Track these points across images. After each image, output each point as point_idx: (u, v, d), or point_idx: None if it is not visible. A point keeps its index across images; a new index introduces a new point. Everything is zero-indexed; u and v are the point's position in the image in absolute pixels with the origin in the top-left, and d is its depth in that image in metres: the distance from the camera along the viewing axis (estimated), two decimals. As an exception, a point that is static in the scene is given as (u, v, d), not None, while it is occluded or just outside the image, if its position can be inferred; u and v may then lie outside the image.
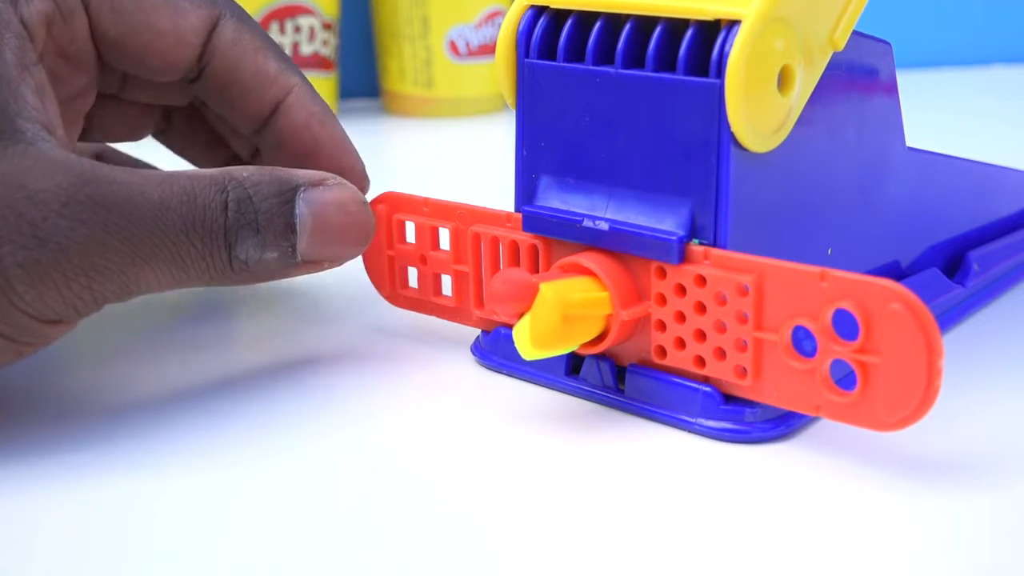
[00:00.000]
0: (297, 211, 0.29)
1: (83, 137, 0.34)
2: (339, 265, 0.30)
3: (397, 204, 0.33)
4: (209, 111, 0.35)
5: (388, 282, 0.34)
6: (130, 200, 0.26)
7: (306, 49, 0.66)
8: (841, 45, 0.28)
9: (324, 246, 0.29)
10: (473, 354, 0.32)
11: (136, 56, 0.31)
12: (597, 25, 0.28)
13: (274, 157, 0.33)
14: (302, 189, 0.29)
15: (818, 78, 0.28)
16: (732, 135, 0.26)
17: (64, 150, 0.26)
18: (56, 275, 0.25)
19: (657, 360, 0.28)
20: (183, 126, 0.36)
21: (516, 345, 0.27)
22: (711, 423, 0.28)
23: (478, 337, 0.32)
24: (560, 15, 0.29)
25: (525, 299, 0.27)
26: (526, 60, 0.29)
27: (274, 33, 0.65)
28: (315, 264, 0.30)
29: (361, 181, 0.33)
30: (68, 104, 0.32)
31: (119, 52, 0.31)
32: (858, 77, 0.30)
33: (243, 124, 0.33)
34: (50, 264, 0.25)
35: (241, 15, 0.33)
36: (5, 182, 0.25)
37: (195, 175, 0.28)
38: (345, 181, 0.30)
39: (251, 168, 0.29)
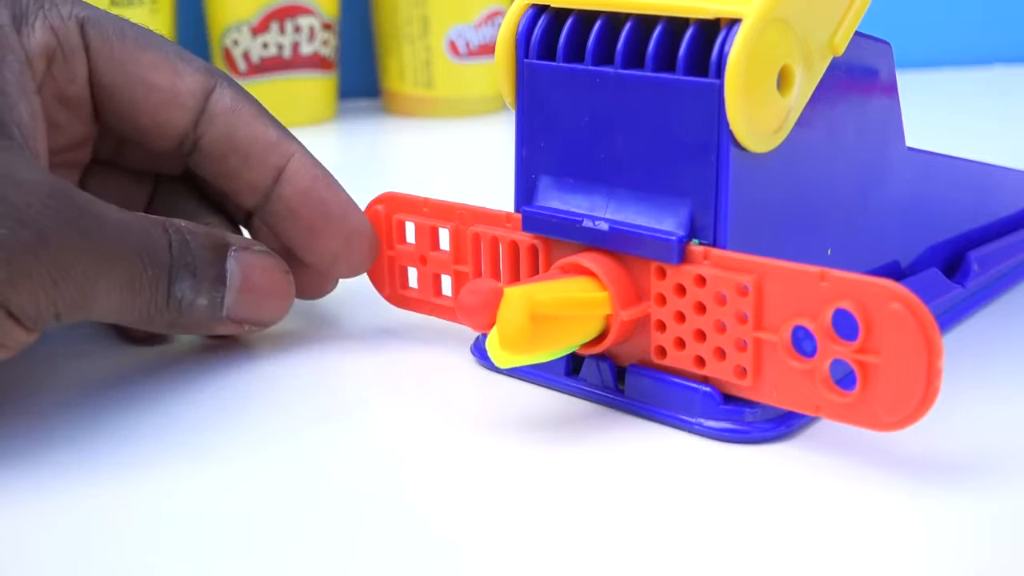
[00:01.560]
0: (228, 266, 0.30)
1: None
2: (259, 330, 0.32)
3: (397, 204, 0.33)
4: (206, 184, 0.34)
5: (388, 282, 0.34)
6: (102, 218, 0.27)
7: (306, 49, 0.66)
8: (841, 50, 0.28)
9: (248, 306, 0.30)
10: (473, 354, 0.32)
11: (129, 111, 0.32)
12: (597, 25, 0.28)
13: (283, 227, 0.33)
14: (233, 248, 0.30)
15: (817, 81, 0.28)
16: (732, 135, 0.26)
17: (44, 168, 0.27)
18: (29, 258, 0.25)
19: (657, 360, 0.28)
20: (165, 199, 0.35)
21: (489, 354, 0.26)
22: (711, 423, 0.28)
23: (478, 337, 0.32)
24: (560, 14, 0.29)
25: (493, 306, 0.26)
26: (526, 60, 0.29)
27: (274, 33, 0.65)
28: (237, 324, 0.31)
29: (371, 242, 0.33)
30: (62, 154, 0.32)
31: (113, 104, 0.31)
32: (858, 77, 0.30)
33: (246, 195, 0.33)
34: (28, 248, 0.25)
35: (236, 86, 0.33)
36: None
37: (141, 214, 0.29)
38: (268, 249, 0.31)
39: (188, 222, 0.30)
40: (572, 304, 0.27)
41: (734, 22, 0.26)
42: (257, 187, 0.32)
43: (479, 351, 0.32)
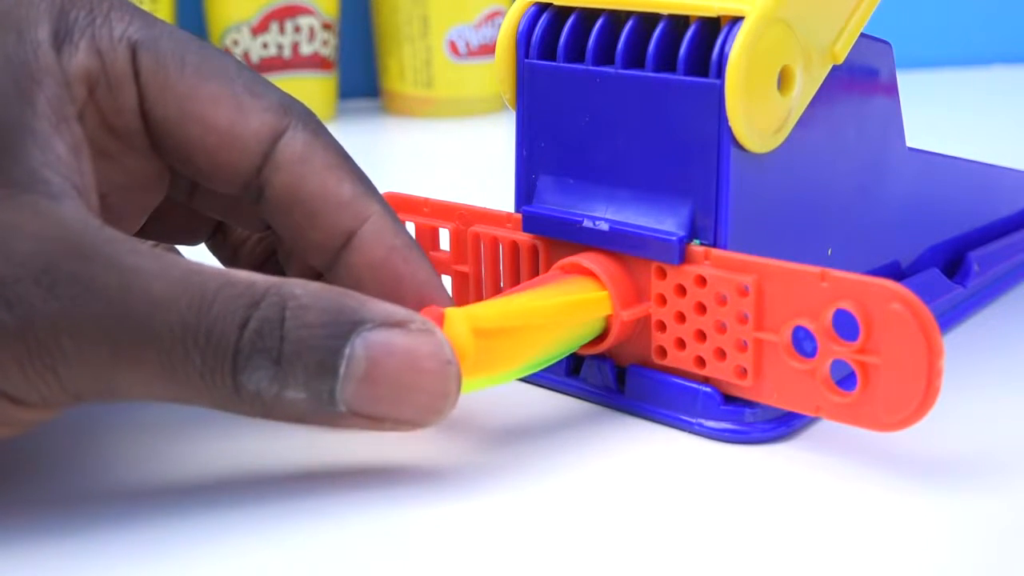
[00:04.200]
0: (348, 351, 0.23)
1: (138, 232, 0.30)
2: (410, 430, 0.25)
3: (397, 204, 0.33)
4: (278, 238, 0.30)
5: (388, 282, 0.34)
6: (123, 290, 0.23)
7: (306, 49, 0.66)
8: (841, 58, 0.28)
9: (378, 402, 0.24)
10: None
11: (185, 150, 0.27)
12: (597, 25, 0.28)
13: None
14: (367, 327, 0.24)
15: (818, 85, 0.28)
16: (732, 135, 0.26)
17: (87, 213, 0.23)
18: (18, 345, 0.22)
19: (657, 360, 0.28)
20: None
21: None
22: (711, 423, 0.28)
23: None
24: (562, 13, 0.29)
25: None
26: (526, 60, 0.29)
27: (274, 33, 0.65)
28: (373, 420, 0.24)
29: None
30: (125, 193, 0.28)
31: (168, 141, 0.27)
32: (858, 77, 0.30)
33: (313, 254, 0.28)
34: (13, 331, 0.22)
35: (316, 127, 0.28)
36: None
37: (232, 278, 0.23)
38: (437, 330, 0.24)
39: (315, 287, 0.24)
40: (527, 313, 0.26)
41: (735, 21, 0.26)
42: (325, 249, 0.28)
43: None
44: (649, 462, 0.27)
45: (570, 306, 0.27)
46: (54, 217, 0.23)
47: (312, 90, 0.66)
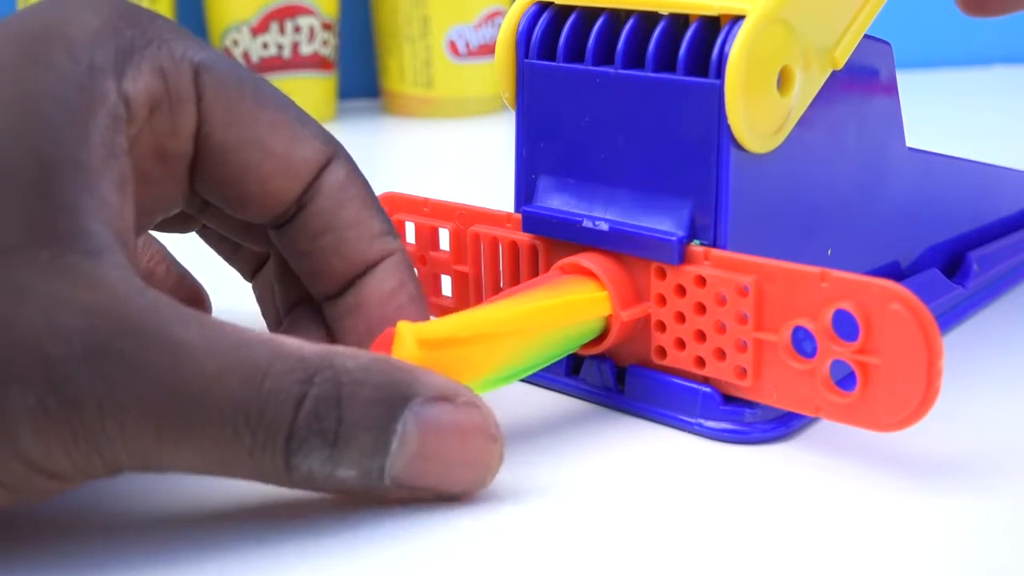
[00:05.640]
0: (400, 426, 0.23)
1: None
2: (442, 498, 0.25)
3: (397, 204, 0.33)
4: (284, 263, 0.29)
5: (388, 282, 0.34)
6: (175, 367, 0.22)
7: (306, 49, 0.66)
8: (841, 64, 0.28)
9: (425, 476, 0.24)
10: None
11: (238, 176, 0.26)
12: (597, 25, 0.28)
13: (344, 323, 0.28)
14: (418, 401, 0.23)
15: (818, 88, 0.28)
16: (732, 136, 0.26)
17: (127, 271, 0.22)
18: (63, 428, 0.21)
19: (657, 361, 0.28)
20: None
21: None
22: (711, 423, 0.28)
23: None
24: (562, 12, 0.29)
25: (389, 343, 0.25)
26: (526, 60, 0.29)
27: (274, 33, 0.65)
28: (416, 491, 0.24)
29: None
30: (149, 216, 0.27)
31: (220, 166, 0.26)
32: (858, 77, 0.30)
33: (323, 281, 0.28)
34: (60, 417, 0.21)
35: (354, 164, 0.28)
36: (34, 302, 0.21)
37: (283, 349, 0.22)
38: (479, 400, 0.24)
39: (363, 356, 0.23)
40: (487, 323, 0.26)
41: (735, 21, 0.26)
42: (339, 277, 0.28)
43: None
44: (649, 462, 0.27)
45: (539, 312, 0.27)
46: (100, 284, 0.22)
47: (312, 90, 0.66)
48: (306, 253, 0.28)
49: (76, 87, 0.23)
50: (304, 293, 0.29)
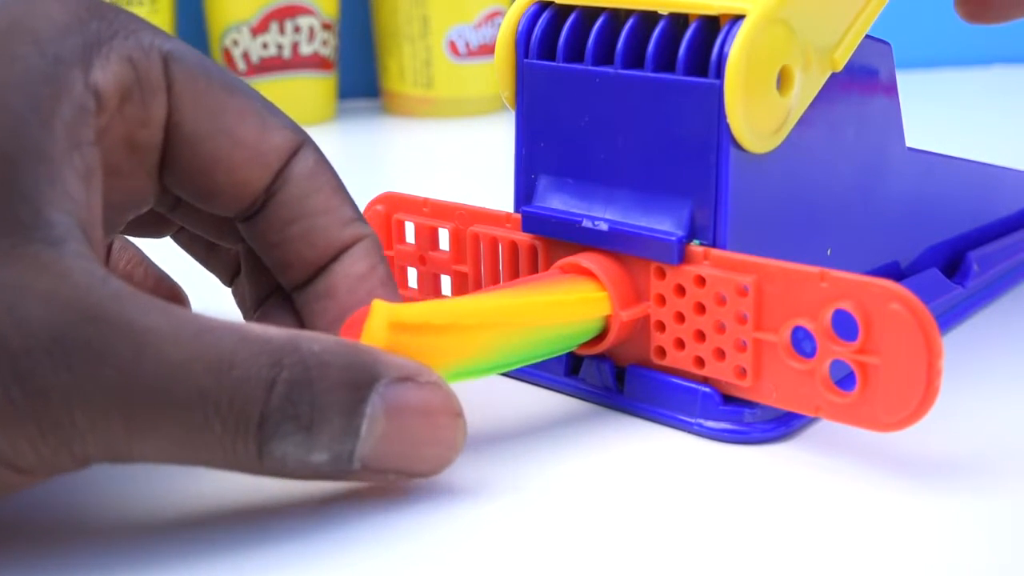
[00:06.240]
0: (368, 409, 0.23)
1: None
2: (409, 480, 0.25)
3: (397, 204, 0.33)
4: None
5: (388, 282, 0.34)
6: (140, 355, 0.21)
7: (306, 49, 0.66)
8: (840, 66, 0.28)
9: (392, 457, 0.24)
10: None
11: (207, 165, 0.26)
12: (597, 25, 0.28)
13: (314, 307, 0.28)
14: (384, 383, 0.23)
15: (818, 88, 0.28)
16: (731, 135, 0.26)
17: (90, 261, 0.22)
18: (29, 423, 0.21)
19: (656, 361, 0.28)
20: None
21: None
22: (710, 423, 0.28)
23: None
24: (562, 12, 0.29)
25: (362, 321, 0.25)
26: (526, 60, 0.29)
27: (274, 33, 0.65)
28: (383, 474, 0.24)
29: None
30: (119, 211, 0.27)
31: (189, 156, 0.26)
32: (858, 77, 0.30)
33: (293, 270, 0.28)
34: (26, 409, 0.21)
35: (321, 153, 0.28)
36: None
37: (249, 334, 0.22)
38: (440, 380, 0.24)
39: (325, 339, 0.23)
40: (465, 312, 0.26)
41: (735, 21, 0.26)
42: (309, 264, 0.28)
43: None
44: (648, 462, 0.27)
45: (520, 308, 0.26)
46: (62, 273, 0.21)
47: (312, 90, 0.66)
48: (276, 243, 0.27)
49: (42, 79, 0.23)
50: (274, 286, 0.29)
